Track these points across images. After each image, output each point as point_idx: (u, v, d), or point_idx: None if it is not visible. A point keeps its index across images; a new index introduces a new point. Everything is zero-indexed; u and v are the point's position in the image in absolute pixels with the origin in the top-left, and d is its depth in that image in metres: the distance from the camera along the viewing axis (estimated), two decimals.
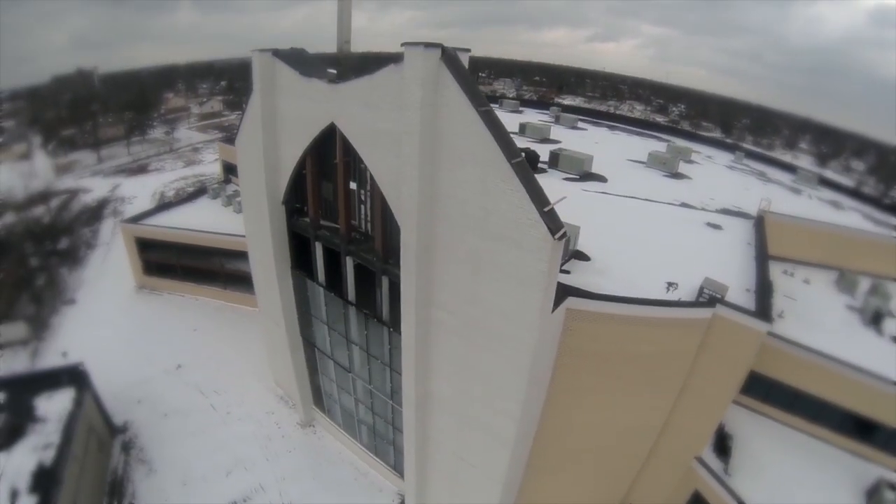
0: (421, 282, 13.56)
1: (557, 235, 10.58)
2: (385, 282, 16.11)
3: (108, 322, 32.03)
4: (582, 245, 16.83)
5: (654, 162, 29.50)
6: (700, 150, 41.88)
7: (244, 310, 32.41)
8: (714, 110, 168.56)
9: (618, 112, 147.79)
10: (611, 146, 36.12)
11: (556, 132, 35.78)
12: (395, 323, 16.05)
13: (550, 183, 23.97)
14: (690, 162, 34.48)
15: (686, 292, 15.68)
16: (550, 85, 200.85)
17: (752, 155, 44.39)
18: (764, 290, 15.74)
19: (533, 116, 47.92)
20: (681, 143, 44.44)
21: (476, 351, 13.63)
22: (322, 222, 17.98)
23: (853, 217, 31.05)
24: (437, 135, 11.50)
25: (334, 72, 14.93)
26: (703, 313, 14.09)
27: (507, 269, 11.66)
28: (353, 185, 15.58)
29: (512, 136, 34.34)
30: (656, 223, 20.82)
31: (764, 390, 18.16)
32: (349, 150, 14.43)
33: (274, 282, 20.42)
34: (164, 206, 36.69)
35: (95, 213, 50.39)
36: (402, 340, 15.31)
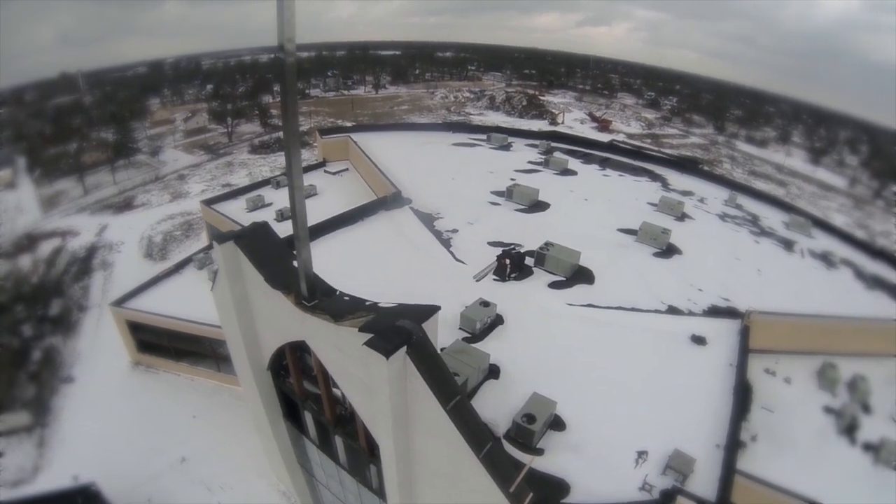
0: (404, 496, 13.74)
1: None
2: (373, 467, 16.15)
3: (108, 406, 32.02)
4: (560, 408, 16.80)
5: (645, 237, 29.14)
6: (693, 189, 41.68)
7: (239, 391, 32.42)
8: (706, 101, 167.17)
9: (610, 109, 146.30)
10: (601, 205, 35.64)
11: (545, 189, 35.04)
12: (384, 495, 16.21)
13: (535, 293, 23.84)
14: (682, 219, 34.20)
15: (656, 460, 16.02)
16: (541, 78, 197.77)
17: (743, 189, 44.20)
18: (729, 468, 16.02)
19: (522, 153, 47.54)
20: (674, 178, 44.16)
21: None
22: (309, 388, 17.84)
23: (845, 275, 31.16)
24: (408, 413, 11.39)
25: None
26: None
27: None
28: None
29: (498, 201, 33.48)
30: (638, 349, 20.74)
31: None
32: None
33: (267, 426, 20.49)
34: (151, 281, 36.33)
35: (84, 266, 49.98)
36: None
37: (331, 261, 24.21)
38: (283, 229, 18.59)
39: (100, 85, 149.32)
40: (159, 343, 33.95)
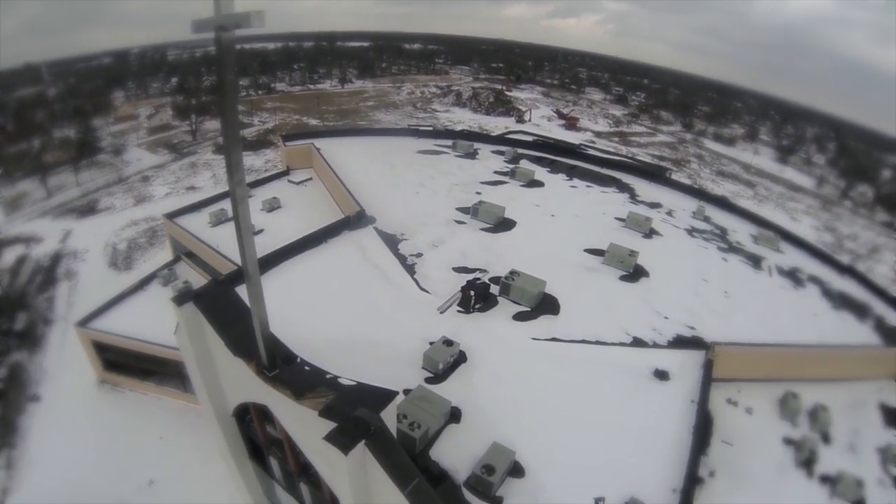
0: None
1: None
2: None
3: (75, 426, 32.01)
4: (520, 454, 17.06)
5: (612, 259, 29.50)
6: (661, 201, 42.41)
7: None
8: (674, 96, 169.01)
9: (577, 106, 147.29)
10: (568, 221, 36.00)
11: (511, 204, 35.24)
12: None
13: (499, 326, 23.80)
14: (650, 235, 34.74)
15: None
16: (509, 73, 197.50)
17: (711, 200, 45.24)
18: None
19: (488, 161, 47.72)
20: (642, 187, 44.86)
21: None
22: (274, 434, 17.89)
23: (812, 294, 32.01)
24: (368, 490, 11.55)
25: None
26: None
27: None
28: None
29: (463, 219, 33.97)
30: (600, 387, 21.00)
31: None
32: None
33: (233, 463, 20.52)
34: (116, 298, 35.91)
35: (48, 276, 48.84)
36: None
37: (294, 288, 24.11)
38: None
39: (64, 76, 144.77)
40: (125, 362, 33.70)
